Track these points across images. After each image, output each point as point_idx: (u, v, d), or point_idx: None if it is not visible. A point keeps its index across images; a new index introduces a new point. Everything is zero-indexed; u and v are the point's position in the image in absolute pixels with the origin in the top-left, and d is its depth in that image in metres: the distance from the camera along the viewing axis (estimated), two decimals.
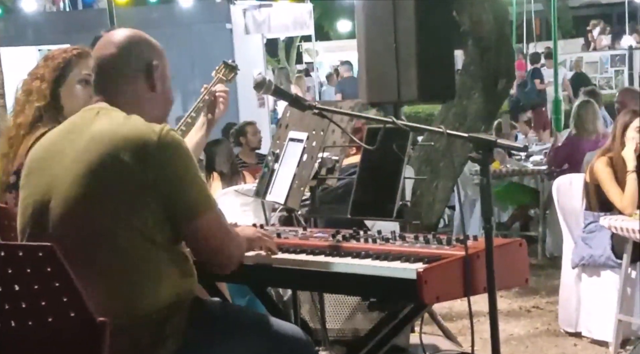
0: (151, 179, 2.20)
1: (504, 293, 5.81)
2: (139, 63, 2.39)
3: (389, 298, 2.50)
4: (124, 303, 2.22)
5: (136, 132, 2.24)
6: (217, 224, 2.33)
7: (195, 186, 2.27)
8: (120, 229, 2.21)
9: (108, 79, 2.39)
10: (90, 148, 2.24)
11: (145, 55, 2.40)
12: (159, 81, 2.41)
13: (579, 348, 4.74)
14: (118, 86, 2.38)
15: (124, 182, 2.21)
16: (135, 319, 2.21)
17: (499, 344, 2.36)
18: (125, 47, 2.38)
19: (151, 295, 2.23)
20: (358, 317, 4.02)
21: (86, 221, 2.23)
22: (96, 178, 2.22)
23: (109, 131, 2.25)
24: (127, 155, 2.20)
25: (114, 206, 2.21)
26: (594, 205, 4.79)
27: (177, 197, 2.24)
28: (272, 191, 3.29)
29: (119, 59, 2.37)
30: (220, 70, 3.28)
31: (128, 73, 2.38)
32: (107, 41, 2.41)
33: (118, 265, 2.22)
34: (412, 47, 4.32)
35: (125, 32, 2.43)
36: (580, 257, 4.82)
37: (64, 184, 2.25)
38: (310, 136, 3.23)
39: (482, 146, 2.35)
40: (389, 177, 2.80)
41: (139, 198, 2.21)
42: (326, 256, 2.54)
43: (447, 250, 2.45)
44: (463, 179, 7.21)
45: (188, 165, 2.27)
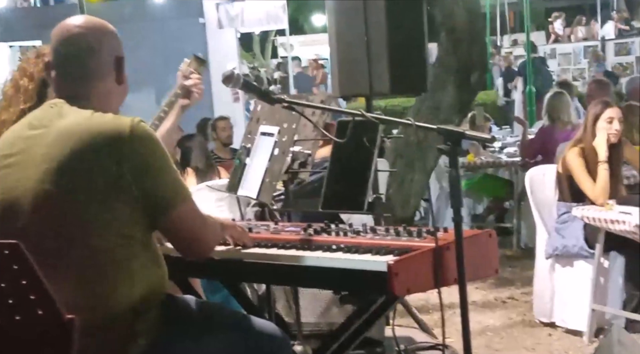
0: (125, 173, 2.17)
1: (479, 284, 5.85)
2: (106, 58, 2.34)
3: (360, 290, 2.50)
4: (96, 300, 2.19)
5: (107, 125, 2.20)
6: (193, 214, 2.31)
7: (169, 177, 2.24)
8: (93, 225, 2.18)
9: (72, 76, 2.32)
10: (60, 143, 2.20)
11: (112, 48, 2.35)
12: (124, 74, 2.38)
13: (554, 337, 4.77)
14: (83, 83, 2.32)
15: (96, 177, 2.17)
16: (107, 316, 2.19)
17: (469, 334, 2.37)
18: (90, 41, 2.32)
19: (124, 292, 2.21)
20: (333, 311, 4.03)
21: (57, 217, 2.19)
22: (67, 174, 2.18)
23: (79, 126, 2.21)
24: (100, 149, 2.17)
25: (86, 202, 2.18)
26: (567, 196, 4.82)
27: (152, 189, 2.21)
28: (244, 185, 3.28)
29: (83, 56, 2.31)
30: (190, 63, 3.25)
31: (95, 70, 2.32)
32: (66, 35, 2.33)
33: (90, 262, 2.19)
34: (383, 40, 4.32)
35: (85, 23, 2.33)
36: (553, 248, 4.85)
37: (34, 180, 2.21)
38: (282, 130, 3.23)
39: (451, 137, 2.35)
40: (360, 170, 2.80)
41: (112, 193, 2.17)
42: (297, 250, 2.54)
43: (417, 242, 2.45)
44: (438, 171, 7.23)
45: (161, 156, 2.24)
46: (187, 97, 3.16)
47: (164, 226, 2.28)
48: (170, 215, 2.25)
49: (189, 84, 3.16)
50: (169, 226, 2.28)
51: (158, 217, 2.25)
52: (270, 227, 2.91)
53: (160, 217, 2.25)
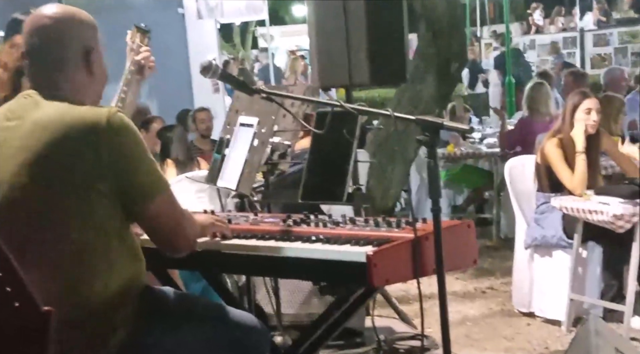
0: (102, 164, 2.15)
1: (459, 275, 5.88)
2: (76, 49, 2.29)
3: (340, 281, 2.51)
4: (73, 292, 2.18)
5: (83, 116, 2.17)
6: (171, 205, 2.29)
7: (147, 168, 2.22)
8: (69, 217, 2.17)
9: (45, 68, 2.29)
10: (35, 135, 2.17)
11: (81, 39, 2.30)
12: (96, 64, 2.33)
13: (533, 327, 4.80)
14: (56, 75, 2.29)
15: (73, 169, 2.15)
16: (84, 309, 2.18)
17: (448, 325, 2.38)
18: (59, 32, 2.28)
19: (101, 284, 2.20)
20: (313, 302, 4.04)
21: (34, 210, 2.18)
22: (43, 166, 2.16)
23: (55, 117, 2.19)
24: (76, 141, 2.15)
25: (63, 194, 2.16)
26: (545, 186, 4.84)
27: (129, 180, 2.19)
28: (223, 176, 3.28)
29: (53, 47, 2.28)
30: (134, 36, 3.18)
31: (65, 61, 2.28)
32: (37, 26, 2.30)
33: (67, 254, 2.18)
34: (362, 31, 4.31)
35: (56, 14, 2.29)
36: (532, 238, 4.88)
37: (9, 172, 2.19)
38: (261, 121, 3.22)
39: (430, 128, 2.35)
40: (339, 161, 2.80)
41: (89, 184, 2.16)
42: (276, 241, 2.54)
43: (396, 233, 2.46)
44: (418, 162, 7.25)
45: (139, 147, 2.22)
46: (140, 73, 3.11)
47: (141, 217, 2.27)
48: (147, 206, 2.23)
49: (140, 58, 3.10)
50: (146, 218, 2.26)
51: (135, 209, 2.23)
52: (250, 218, 2.91)
53: (137, 209, 2.23)
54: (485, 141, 8.08)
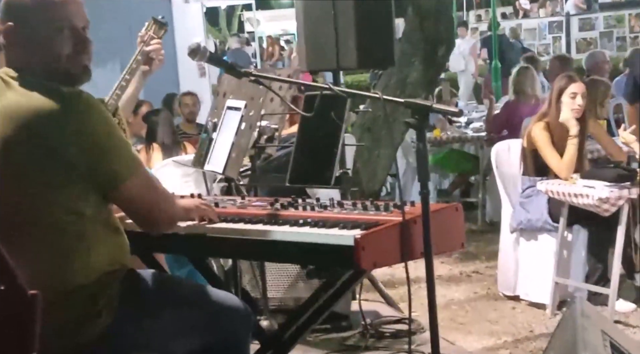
0: (71, 149, 2.13)
1: (444, 259, 5.90)
2: (54, 27, 2.24)
3: (327, 265, 2.50)
4: (53, 277, 2.17)
5: (46, 102, 2.14)
6: (145, 185, 2.28)
7: (118, 150, 2.20)
8: (43, 204, 2.16)
9: (19, 46, 2.26)
10: (4, 121, 2.15)
11: (59, 17, 2.25)
12: (69, 41, 2.26)
13: (518, 310, 4.83)
14: (29, 53, 2.25)
15: (42, 154, 2.13)
16: (66, 293, 2.18)
17: (435, 308, 2.38)
18: (32, 10, 2.24)
19: (81, 268, 2.20)
20: (299, 286, 4.05)
21: (7, 197, 2.16)
22: (12, 154, 2.14)
23: (23, 101, 2.16)
24: (39, 128, 2.12)
25: (34, 180, 2.15)
26: (531, 170, 4.86)
27: (101, 163, 2.17)
28: (210, 160, 3.27)
29: (30, 25, 2.24)
30: (150, 27, 3.19)
31: (38, 40, 2.25)
32: (12, 5, 2.26)
33: (44, 240, 2.18)
34: (350, 14, 4.29)
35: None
36: (518, 222, 4.90)
37: None
38: (249, 104, 3.21)
39: (418, 111, 2.35)
40: (328, 144, 2.80)
41: (59, 170, 2.15)
42: (264, 224, 2.53)
43: (384, 216, 2.46)
44: (405, 146, 7.25)
45: (108, 129, 2.18)
46: (148, 64, 3.11)
47: (117, 199, 2.26)
48: (121, 188, 2.22)
49: (149, 49, 3.10)
50: (121, 199, 2.26)
51: (110, 191, 2.22)
52: (237, 202, 2.90)
53: (111, 191, 2.22)
54: (471, 125, 8.09)
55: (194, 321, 2.36)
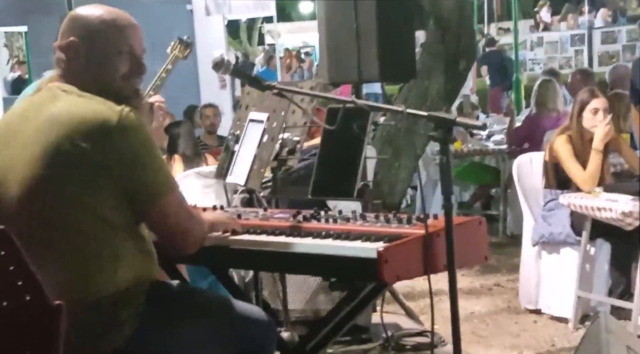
0: (110, 162, 2.17)
1: (465, 271, 5.87)
2: (110, 49, 2.31)
3: (350, 277, 2.50)
4: (80, 286, 2.19)
5: (95, 113, 2.19)
6: (177, 206, 2.30)
7: (155, 168, 2.24)
8: (77, 211, 2.18)
9: (75, 63, 2.32)
10: (47, 129, 2.20)
11: (118, 40, 2.32)
12: (126, 63, 2.34)
13: (539, 324, 4.80)
14: (86, 69, 2.31)
15: (80, 164, 2.17)
16: (92, 302, 2.19)
17: (458, 322, 2.38)
18: (97, 31, 2.31)
19: (108, 278, 2.21)
20: (320, 297, 4.04)
21: (42, 203, 2.20)
22: (52, 160, 2.18)
23: (67, 112, 2.21)
24: (85, 137, 2.16)
25: (70, 189, 2.18)
26: (553, 183, 4.84)
27: (136, 180, 2.21)
28: (232, 172, 3.27)
29: (89, 43, 2.31)
30: (175, 47, 3.24)
31: (98, 59, 2.31)
32: (79, 23, 2.33)
33: (74, 248, 2.19)
34: (372, 27, 4.30)
35: (96, 14, 2.33)
36: (540, 235, 4.87)
37: (20, 165, 2.21)
38: (271, 117, 3.22)
39: (442, 124, 2.35)
40: (350, 157, 2.80)
41: (96, 181, 2.18)
42: (287, 236, 2.54)
43: (407, 229, 2.45)
44: (425, 159, 7.24)
45: (148, 147, 2.23)
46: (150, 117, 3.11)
47: (148, 217, 2.29)
48: (153, 206, 2.25)
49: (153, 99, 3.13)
50: (153, 218, 2.28)
51: (142, 208, 2.25)
52: (259, 213, 2.91)
53: (144, 208, 2.25)
54: (492, 137, 8.06)
55: (218, 332, 2.37)
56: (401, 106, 2.48)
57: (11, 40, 15.32)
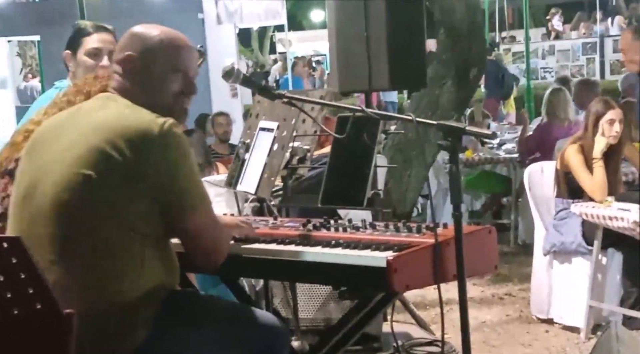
0: (147, 171, 2.21)
1: (476, 281, 5.85)
2: (167, 68, 2.39)
3: (359, 286, 2.50)
4: (102, 289, 2.21)
5: (138, 122, 2.25)
6: (209, 221, 2.34)
7: (191, 184, 2.28)
8: (107, 216, 2.21)
9: (131, 76, 2.39)
10: (92, 134, 2.25)
11: (173, 60, 2.40)
12: (180, 83, 2.41)
13: (551, 334, 4.78)
14: (140, 84, 2.39)
15: (119, 171, 2.21)
16: (110, 305, 2.21)
17: (468, 331, 2.37)
18: (155, 49, 2.38)
19: (131, 284, 2.23)
20: (330, 306, 4.03)
21: (74, 205, 2.23)
22: (92, 163, 2.22)
23: (113, 119, 2.27)
24: (126, 144, 2.21)
25: (104, 193, 2.21)
26: (564, 192, 4.82)
27: (171, 192, 2.25)
28: (242, 181, 3.28)
29: (146, 59, 2.38)
30: None
31: (154, 76, 2.39)
32: (137, 39, 2.41)
33: (100, 251, 2.21)
34: (382, 35, 4.32)
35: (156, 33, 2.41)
36: (551, 244, 4.86)
37: (59, 166, 2.26)
38: (281, 126, 3.22)
39: (451, 133, 2.35)
40: (360, 165, 2.80)
41: (131, 189, 2.21)
42: (296, 245, 2.54)
43: (417, 238, 2.45)
44: (436, 167, 7.23)
45: (185, 161, 2.27)
46: None
47: (179, 229, 2.32)
48: (186, 220, 2.29)
49: None
50: (184, 231, 2.32)
51: (174, 221, 2.29)
52: (269, 222, 2.91)
53: (176, 221, 2.29)
54: (503, 146, 8.04)
55: (232, 338, 2.39)
56: (410, 115, 2.48)
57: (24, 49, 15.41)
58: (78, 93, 2.94)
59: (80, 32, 3.51)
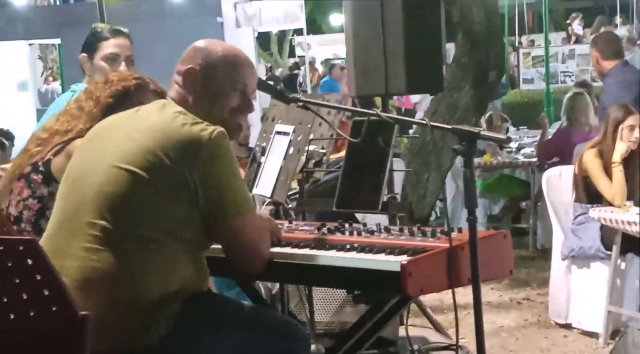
0: (194, 179, 2.25)
1: (494, 285, 5.83)
2: (227, 83, 2.44)
3: (374, 290, 2.50)
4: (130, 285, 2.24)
5: (189, 128, 2.29)
6: (250, 227, 2.37)
7: (235, 190, 2.32)
8: (147, 215, 2.26)
9: (191, 88, 2.43)
10: (143, 134, 2.30)
11: (235, 78, 2.45)
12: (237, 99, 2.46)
13: (569, 339, 4.75)
14: (199, 97, 2.43)
15: (164, 173, 2.26)
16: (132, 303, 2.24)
17: (483, 336, 2.36)
18: (217, 65, 2.43)
19: (158, 284, 2.26)
20: (346, 310, 4.03)
21: (113, 201, 2.27)
22: (139, 162, 2.27)
23: (166, 123, 2.31)
24: (175, 148, 2.26)
25: (149, 193, 2.26)
26: (582, 197, 4.80)
27: (216, 199, 2.29)
28: (258, 184, 3.29)
29: (207, 74, 2.42)
30: None
31: (214, 90, 2.43)
32: (200, 52, 2.45)
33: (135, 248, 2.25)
34: (399, 39, 4.31)
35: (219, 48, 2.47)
36: (570, 249, 4.83)
37: (104, 160, 2.32)
38: (297, 129, 3.23)
39: (466, 137, 2.34)
40: (375, 169, 2.81)
41: (175, 193, 2.26)
42: (311, 249, 2.54)
43: (431, 242, 2.45)
44: (454, 171, 7.20)
45: (232, 170, 2.32)
46: None
47: (220, 235, 2.36)
48: (227, 226, 2.33)
49: None
50: (229, 233, 2.35)
51: (215, 226, 2.33)
52: (284, 226, 2.92)
53: (217, 226, 2.33)
54: (522, 150, 8.00)
55: (251, 342, 2.40)
56: (425, 119, 2.48)
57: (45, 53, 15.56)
58: (88, 99, 2.96)
59: (97, 36, 3.54)
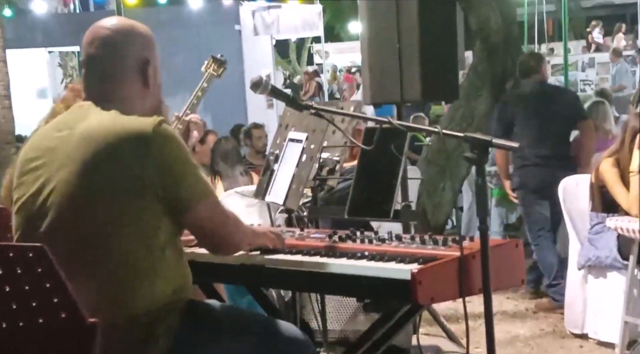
0: (148, 173, 2.18)
1: (510, 294, 5.79)
2: (132, 61, 2.34)
3: (384, 298, 2.49)
4: (116, 302, 2.21)
5: (129, 127, 2.21)
6: (216, 209, 2.33)
7: (191, 176, 2.26)
8: (115, 227, 2.19)
9: (99, 78, 2.35)
10: (83, 145, 2.21)
11: (138, 51, 2.35)
12: (151, 78, 2.38)
13: (585, 349, 4.71)
14: (109, 86, 2.33)
15: (119, 178, 2.18)
16: (127, 318, 2.20)
17: (494, 345, 2.34)
18: (116, 44, 2.33)
19: (146, 294, 2.22)
20: (359, 318, 4.02)
21: (81, 219, 2.21)
22: (91, 175, 2.19)
23: (102, 127, 2.22)
24: (122, 151, 2.19)
25: (110, 204, 2.19)
26: (599, 206, 4.75)
27: (175, 188, 2.22)
28: (271, 191, 3.29)
29: (109, 58, 2.33)
30: (209, 65, 3.31)
31: (120, 73, 2.33)
32: (95, 36, 2.35)
33: (112, 263, 2.20)
34: (415, 47, 4.31)
35: (115, 26, 2.35)
36: (586, 259, 4.79)
37: (60, 181, 2.22)
38: (310, 137, 3.23)
39: (478, 145, 2.33)
40: (387, 177, 2.79)
41: (135, 194, 2.19)
42: (321, 256, 2.53)
43: (442, 251, 2.43)
44: (470, 180, 7.17)
45: (184, 156, 2.25)
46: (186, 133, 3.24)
47: (188, 223, 2.31)
48: (194, 209, 2.26)
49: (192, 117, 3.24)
50: (194, 221, 2.29)
51: (181, 216, 2.27)
52: (296, 233, 2.91)
53: (183, 216, 2.27)
54: None
55: (256, 350, 2.37)
56: (437, 127, 2.47)
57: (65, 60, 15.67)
58: (76, 98, 2.97)
59: None
